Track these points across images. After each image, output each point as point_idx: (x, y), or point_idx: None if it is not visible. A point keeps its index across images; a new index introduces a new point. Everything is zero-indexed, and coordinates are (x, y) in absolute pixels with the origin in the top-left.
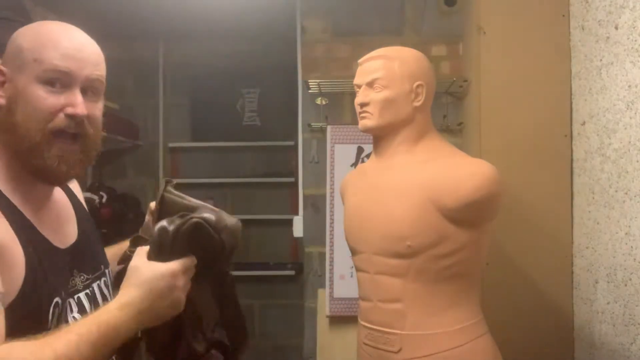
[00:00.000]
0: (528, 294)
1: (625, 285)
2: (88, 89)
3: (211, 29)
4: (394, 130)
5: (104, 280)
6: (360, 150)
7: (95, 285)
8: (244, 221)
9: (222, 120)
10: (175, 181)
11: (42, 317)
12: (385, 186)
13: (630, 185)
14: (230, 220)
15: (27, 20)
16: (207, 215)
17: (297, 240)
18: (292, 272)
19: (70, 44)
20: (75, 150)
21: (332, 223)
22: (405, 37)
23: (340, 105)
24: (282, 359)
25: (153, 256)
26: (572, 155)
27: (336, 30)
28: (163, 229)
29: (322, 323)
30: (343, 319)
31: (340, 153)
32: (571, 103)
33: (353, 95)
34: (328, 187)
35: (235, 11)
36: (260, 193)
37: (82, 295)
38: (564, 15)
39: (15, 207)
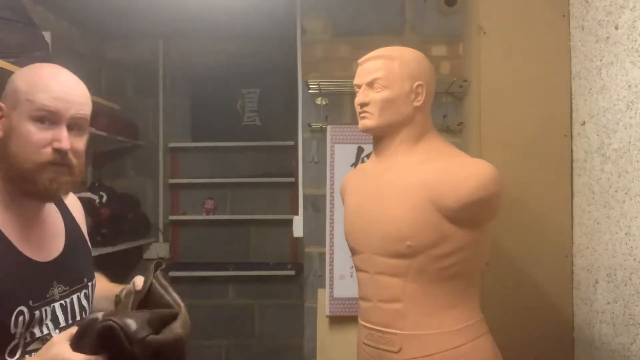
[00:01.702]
0: (528, 294)
1: (625, 285)
2: (74, 126)
3: (211, 29)
4: (394, 130)
5: (85, 293)
6: (360, 150)
7: (74, 297)
8: (244, 221)
9: (222, 120)
10: (164, 265)
11: (2, 324)
12: (385, 186)
13: (630, 185)
14: (165, 338)
15: (27, 20)
16: (130, 321)
17: (297, 240)
18: (292, 272)
19: (59, 87)
20: (63, 172)
21: (332, 223)
22: (405, 37)
23: (340, 105)
24: (282, 359)
25: (73, 339)
26: (572, 155)
27: (336, 30)
28: (92, 320)
29: (322, 323)
30: (343, 319)
31: (340, 153)
32: (571, 103)
33: (353, 95)
34: (328, 187)
35: (235, 11)
36: (260, 193)
37: (57, 305)
38: (564, 15)
39: None
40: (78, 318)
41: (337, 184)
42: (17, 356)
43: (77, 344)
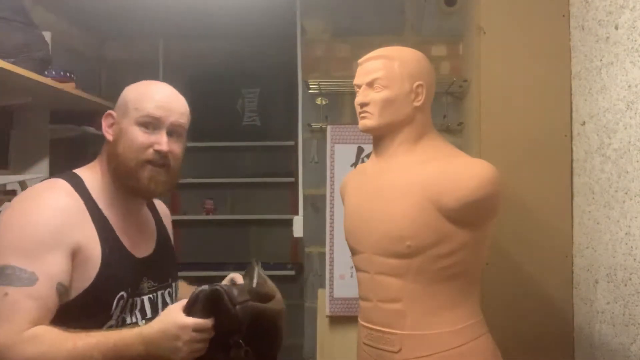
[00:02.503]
0: (528, 294)
1: (625, 285)
2: (173, 132)
3: (211, 28)
4: (394, 130)
5: (169, 291)
6: (360, 150)
7: (159, 293)
8: (244, 221)
9: (222, 120)
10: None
11: (107, 304)
12: (385, 186)
13: (630, 185)
14: (263, 305)
15: (27, 20)
16: (232, 288)
17: (297, 240)
18: (292, 272)
19: (161, 97)
20: (161, 172)
21: (332, 223)
22: (405, 37)
23: (340, 105)
24: (282, 359)
25: (185, 308)
26: (572, 155)
27: (336, 30)
28: (200, 290)
29: (322, 323)
30: (343, 319)
31: (340, 153)
32: (571, 103)
33: (353, 95)
34: (328, 187)
35: (235, 11)
36: (260, 193)
37: (145, 298)
38: (564, 15)
39: (105, 218)
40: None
41: (337, 184)
42: None
43: (189, 312)
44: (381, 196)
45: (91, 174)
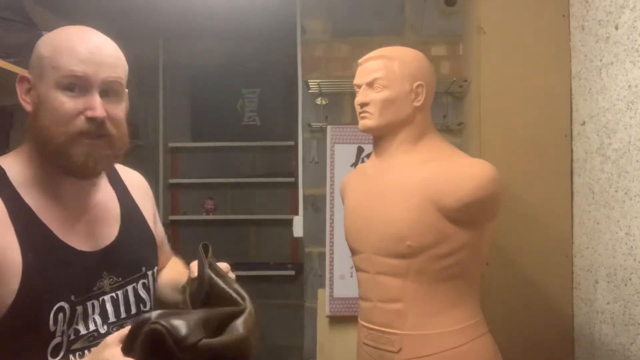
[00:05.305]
0: (528, 294)
1: (625, 285)
2: (108, 91)
3: (211, 29)
4: (394, 130)
5: (143, 283)
6: (360, 150)
7: (129, 288)
8: (244, 221)
9: (222, 120)
10: (210, 248)
11: (41, 320)
12: (385, 186)
13: (630, 185)
14: (222, 339)
15: (27, 20)
16: (179, 323)
17: (297, 240)
18: (292, 272)
19: (85, 48)
20: (101, 145)
21: (332, 223)
22: (405, 37)
23: (340, 105)
24: (282, 359)
25: (124, 342)
26: (572, 155)
27: (336, 30)
28: (144, 320)
29: (322, 323)
30: (343, 319)
31: (340, 153)
32: (571, 103)
33: (353, 95)
34: (328, 187)
35: (235, 11)
36: (260, 193)
37: (107, 297)
38: (564, 15)
39: (34, 215)
40: (134, 311)
41: (337, 184)
42: (60, 356)
43: (129, 347)
44: (381, 196)
45: (17, 160)
